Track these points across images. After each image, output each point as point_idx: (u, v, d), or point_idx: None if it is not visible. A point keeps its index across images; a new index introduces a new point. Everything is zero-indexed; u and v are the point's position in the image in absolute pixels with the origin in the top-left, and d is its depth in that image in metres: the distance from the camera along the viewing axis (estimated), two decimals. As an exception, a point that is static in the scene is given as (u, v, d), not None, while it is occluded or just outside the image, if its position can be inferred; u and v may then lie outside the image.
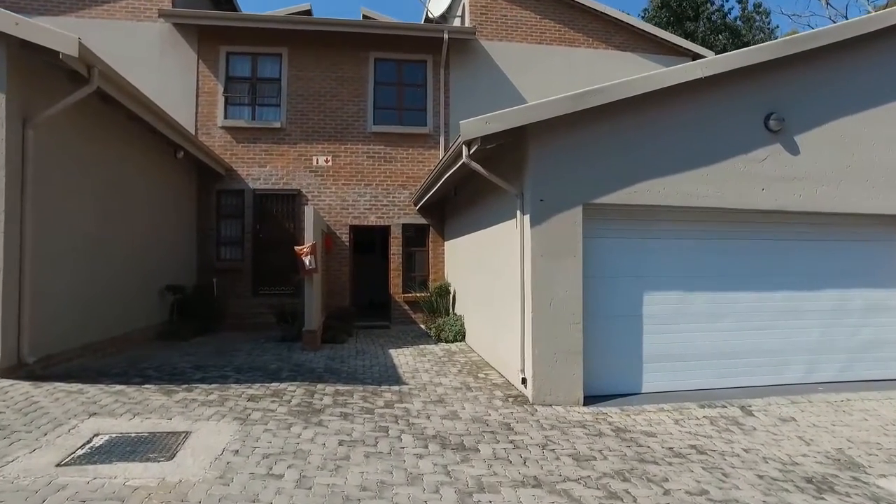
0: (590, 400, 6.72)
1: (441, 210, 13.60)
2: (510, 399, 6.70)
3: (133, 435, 4.66)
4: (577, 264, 6.68)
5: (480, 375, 7.89)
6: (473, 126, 6.42)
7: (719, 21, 25.11)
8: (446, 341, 10.80)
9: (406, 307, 13.38)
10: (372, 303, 16.59)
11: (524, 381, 6.78)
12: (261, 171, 13.01)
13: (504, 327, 7.73)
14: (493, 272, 8.41)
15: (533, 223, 6.63)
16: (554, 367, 6.58)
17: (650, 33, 14.83)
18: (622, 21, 14.67)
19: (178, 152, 10.95)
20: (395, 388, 7.03)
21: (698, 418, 6.37)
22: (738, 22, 25.65)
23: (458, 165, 7.64)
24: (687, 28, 23.38)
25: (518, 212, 6.96)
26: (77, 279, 7.58)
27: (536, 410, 6.30)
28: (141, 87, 8.60)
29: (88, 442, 4.42)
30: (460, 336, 10.85)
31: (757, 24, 25.18)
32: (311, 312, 9.56)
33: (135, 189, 9.61)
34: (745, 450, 5.48)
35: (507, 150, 7.14)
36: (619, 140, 6.89)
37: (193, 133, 12.77)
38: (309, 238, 9.56)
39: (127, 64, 10.66)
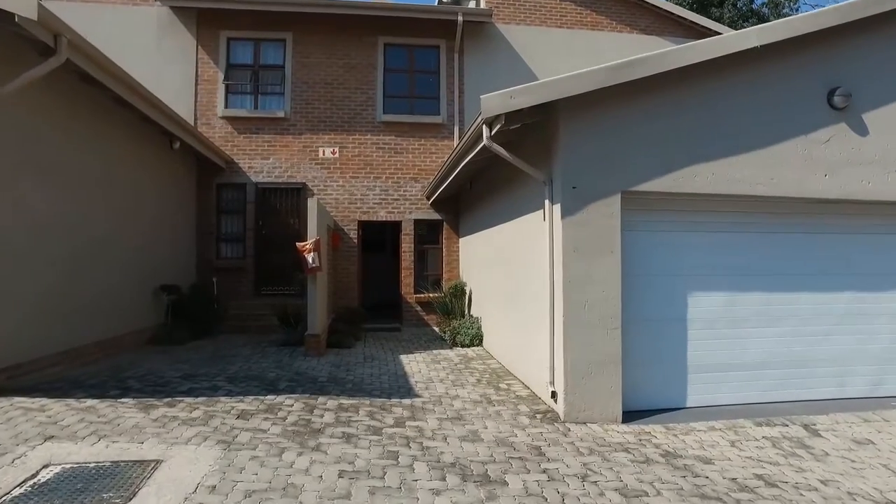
0: (629, 416, 5.85)
1: (456, 204, 12.76)
2: (538, 416, 5.85)
3: (91, 465, 3.87)
4: (616, 261, 5.82)
5: (502, 386, 7.05)
6: (496, 101, 5.57)
7: (745, 7, 24.00)
8: (462, 346, 9.97)
9: (418, 308, 12.56)
10: (382, 303, 15.80)
11: (553, 394, 5.93)
12: (263, 163, 12.26)
13: (529, 332, 6.88)
14: (515, 270, 7.56)
15: (564, 214, 5.77)
16: (589, 380, 5.72)
17: (678, 16, 13.88)
18: (648, 3, 13.73)
19: (173, 143, 10.22)
20: (407, 401, 6.21)
21: (757, 439, 5.48)
22: (765, 9, 24.53)
23: (477, 149, 6.80)
24: (713, 14, 22.31)
25: (546, 201, 6.11)
26: (55, 279, 6.84)
27: (570, 430, 5.44)
28: (137, 76, 7.91)
29: (33, 476, 3.65)
30: (477, 340, 10.01)
31: (784, 10, 24.05)
32: (314, 315, 8.77)
33: (126, 181, 8.88)
34: (822, 481, 4.59)
35: (533, 130, 6.29)
36: (662, 120, 6.00)
37: (192, 123, 12.05)
38: (312, 233, 8.77)
39: (123, 51, 10.00)
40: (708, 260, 6.41)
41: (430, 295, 12.22)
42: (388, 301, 15.56)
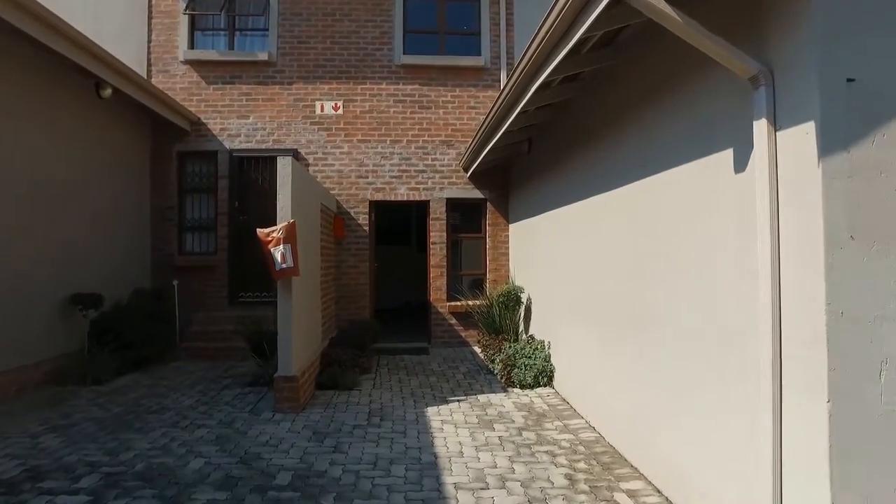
0: None
1: (504, 176, 9.30)
2: None
3: None
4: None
5: (619, 500, 3.58)
6: None
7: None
8: (522, 385, 6.53)
9: (453, 321, 9.16)
10: (403, 308, 12.52)
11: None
12: (241, 123, 8.99)
13: (683, 395, 3.40)
14: (646, 272, 4.06)
15: (825, 148, 2.30)
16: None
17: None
18: None
19: (100, 89, 7.01)
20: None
21: None
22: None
23: (596, 12, 3.26)
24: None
25: (757, 125, 2.62)
26: None
27: None
28: (68, 10, 4.67)
29: None
30: (544, 378, 6.55)
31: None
32: (287, 346, 5.43)
33: (24, 151, 5.70)
34: None
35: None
36: None
37: (146, 71, 8.84)
38: (285, 213, 5.44)
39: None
40: None
41: (469, 303, 8.81)
42: (414, 302, 12.29)
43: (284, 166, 5.49)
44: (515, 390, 6.45)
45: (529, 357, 6.80)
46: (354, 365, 7.03)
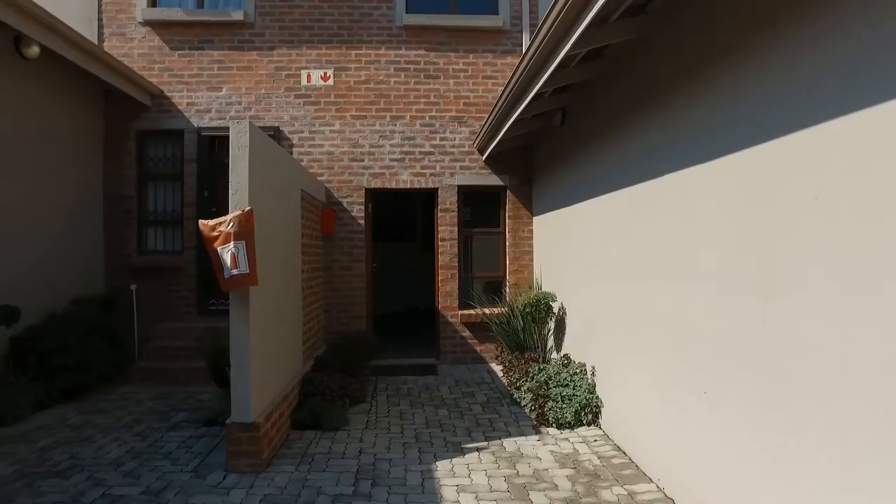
0: None
1: (528, 159, 7.77)
2: None
3: None
4: None
5: None
6: None
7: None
8: (559, 425, 5.01)
9: (466, 333, 7.65)
10: (411, 312, 11.08)
11: None
12: (212, 97, 7.50)
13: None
14: (800, 279, 2.54)
15: None
16: None
17: None
18: None
19: (22, 46, 5.55)
20: None
21: None
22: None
23: None
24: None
25: None
26: None
27: None
28: None
29: None
30: (589, 414, 5.03)
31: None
32: (243, 381, 3.93)
33: None
34: None
35: None
36: None
37: (97, 34, 7.37)
38: (240, 198, 3.94)
39: None
40: None
41: (486, 311, 7.30)
42: (415, 310, 10.82)
43: (240, 133, 3.99)
44: (551, 431, 4.94)
45: (566, 385, 5.29)
46: (344, 394, 5.55)
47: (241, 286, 3.79)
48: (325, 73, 7.59)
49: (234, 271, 3.70)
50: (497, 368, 7.22)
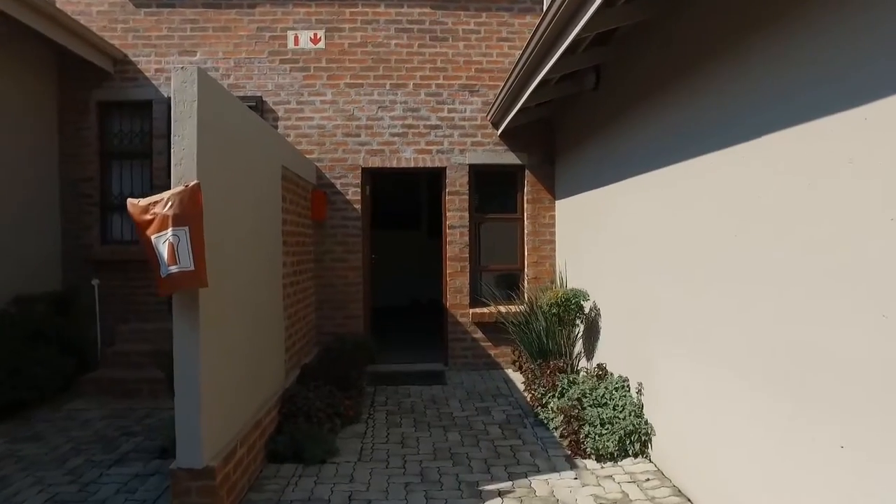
0: None
1: (550, 133, 6.74)
2: None
3: None
4: None
5: None
6: None
7: None
8: (598, 457, 4.02)
9: (478, 335, 6.66)
10: (414, 305, 10.18)
11: None
12: (185, 62, 6.48)
13: None
14: None
15: None
16: None
17: None
18: None
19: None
20: None
21: None
22: None
23: None
24: None
25: None
26: None
27: None
28: None
29: None
30: (635, 442, 4.04)
31: None
32: (192, 414, 2.94)
33: None
34: None
35: None
36: None
37: (51, -11, 6.33)
38: (185, 168, 2.93)
39: None
40: None
41: (502, 309, 6.31)
42: (418, 303, 9.90)
43: (185, 84, 2.98)
44: (589, 464, 3.96)
45: (604, 404, 4.31)
46: (334, 413, 4.58)
47: (183, 288, 2.80)
48: (315, 35, 6.55)
49: (173, 268, 2.71)
50: (514, 376, 6.25)
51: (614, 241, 4.79)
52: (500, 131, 6.56)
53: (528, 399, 5.25)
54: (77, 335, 5.71)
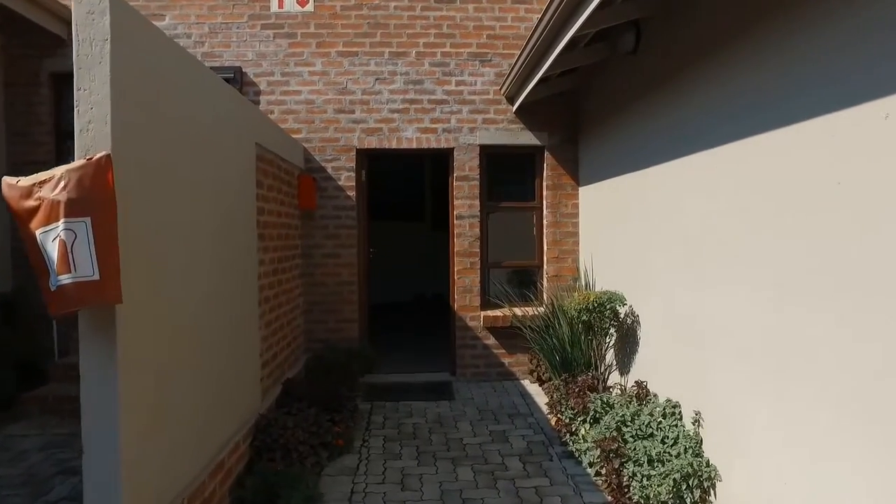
0: None
1: (572, 109, 5.86)
2: None
3: None
4: None
5: None
6: None
7: None
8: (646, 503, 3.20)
9: (490, 340, 5.82)
10: (418, 301, 9.42)
11: None
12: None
13: None
14: None
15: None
16: None
17: None
18: None
19: None
20: None
21: None
22: None
23: None
24: None
25: None
26: None
27: None
28: None
29: None
30: (697, 488, 3.20)
31: None
32: (107, 480, 2.10)
33: None
34: None
35: None
36: None
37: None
38: (96, 138, 2.09)
39: None
40: None
41: (516, 311, 5.47)
42: (423, 298, 9.14)
43: (92, 15, 2.14)
44: (637, 516, 3.14)
45: (650, 436, 3.50)
46: (320, 444, 3.77)
47: (84, 305, 1.97)
48: (302, -5, 5.67)
49: (66, 278, 1.87)
50: (532, 389, 5.42)
51: (663, 235, 3.93)
52: (515, 107, 5.68)
53: (553, 422, 4.42)
54: (25, 345, 4.90)
